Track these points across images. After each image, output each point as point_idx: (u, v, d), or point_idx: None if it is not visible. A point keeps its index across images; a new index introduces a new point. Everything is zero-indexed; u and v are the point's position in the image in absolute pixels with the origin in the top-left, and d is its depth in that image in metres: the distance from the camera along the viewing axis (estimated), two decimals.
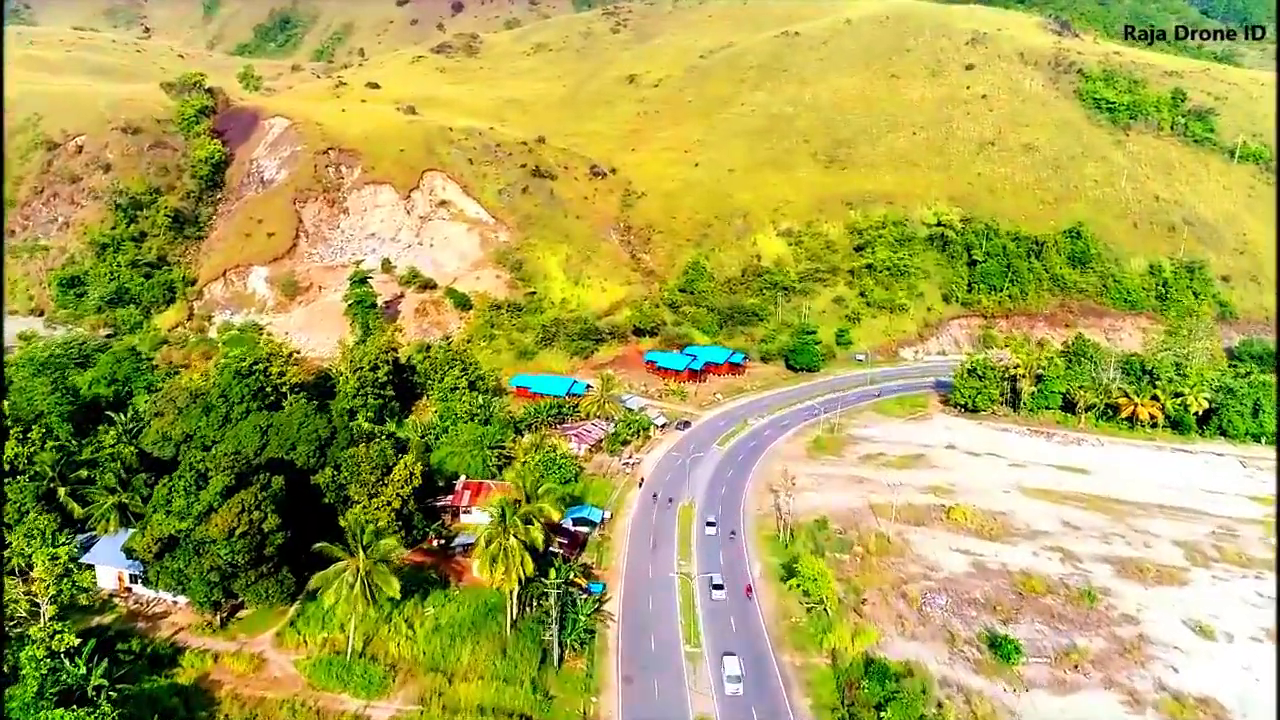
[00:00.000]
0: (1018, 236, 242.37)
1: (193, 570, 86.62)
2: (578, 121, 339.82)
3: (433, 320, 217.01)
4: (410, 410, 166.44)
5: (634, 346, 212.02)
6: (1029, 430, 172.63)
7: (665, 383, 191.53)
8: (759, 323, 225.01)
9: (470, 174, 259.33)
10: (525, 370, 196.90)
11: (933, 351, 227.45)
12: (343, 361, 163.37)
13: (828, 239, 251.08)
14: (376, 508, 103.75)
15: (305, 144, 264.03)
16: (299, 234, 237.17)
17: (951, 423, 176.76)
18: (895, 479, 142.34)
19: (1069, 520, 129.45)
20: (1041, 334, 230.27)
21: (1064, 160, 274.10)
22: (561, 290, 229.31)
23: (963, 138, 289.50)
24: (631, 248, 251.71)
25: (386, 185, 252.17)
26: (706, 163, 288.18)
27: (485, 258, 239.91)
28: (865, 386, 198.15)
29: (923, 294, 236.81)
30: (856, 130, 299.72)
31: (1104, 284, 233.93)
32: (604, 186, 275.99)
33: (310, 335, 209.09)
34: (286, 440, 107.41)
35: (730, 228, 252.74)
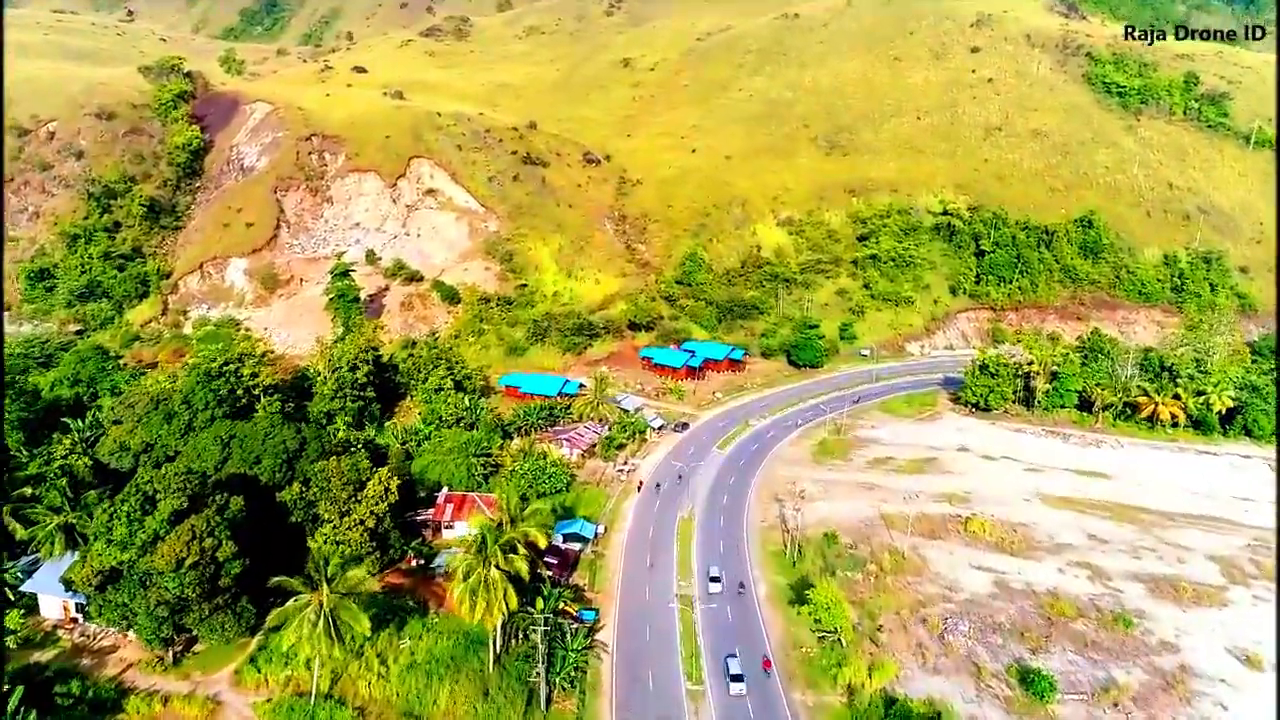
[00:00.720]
0: (1027, 226, 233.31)
1: (139, 605, 77.86)
2: (571, 106, 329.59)
3: (419, 314, 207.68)
4: (393, 412, 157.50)
5: (629, 342, 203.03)
6: (1044, 431, 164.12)
7: (662, 381, 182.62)
8: (759, 316, 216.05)
9: (459, 161, 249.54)
10: (515, 368, 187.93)
11: (940, 346, 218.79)
12: (320, 361, 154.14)
13: (830, 228, 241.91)
14: (348, 527, 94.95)
15: (287, 130, 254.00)
16: (279, 224, 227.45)
17: (963, 423, 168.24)
18: (907, 486, 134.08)
19: (1094, 532, 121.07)
20: (1052, 327, 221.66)
21: (1074, 146, 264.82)
22: (554, 283, 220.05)
23: (968, 123, 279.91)
24: (626, 238, 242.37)
25: (371, 173, 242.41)
26: (704, 149, 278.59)
27: (474, 248, 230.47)
28: (871, 384, 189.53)
29: (929, 286, 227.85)
30: (858, 115, 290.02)
31: (1117, 275, 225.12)
32: (598, 174, 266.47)
33: (290, 331, 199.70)
34: (250, 453, 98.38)
35: (729, 217, 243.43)
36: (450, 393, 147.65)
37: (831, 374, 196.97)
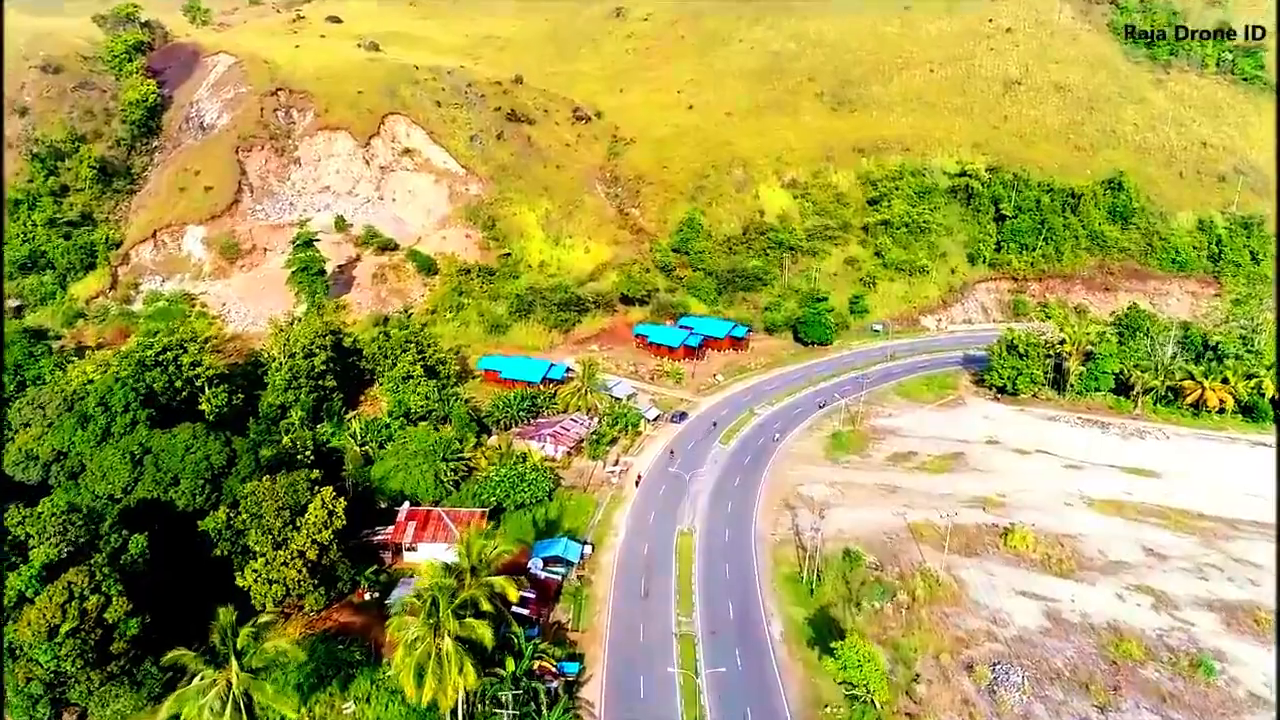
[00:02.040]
0: (1051, 188, 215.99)
1: (7, 682, 62.43)
2: (560, 60, 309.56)
3: (392, 288, 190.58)
4: (358, 401, 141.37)
5: (622, 317, 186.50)
6: (1080, 419, 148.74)
7: (658, 362, 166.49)
8: (762, 288, 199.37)
9: (438, 118, 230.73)
10: (497, 347, 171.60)
11: (958, 320, 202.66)
12: (274, 344, 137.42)
13: (838, 191, 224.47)
14: (283, 562, 79.35)
15: (250, 85, 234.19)
16: (241, 188, 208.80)
17: (989, 409, 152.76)
18: (934, 488, 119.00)
19: (1150, 544, 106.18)
20: (1079, 299, 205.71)
21: (1099, 102, 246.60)
22: (540, 252, 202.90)
23: (985, 76, 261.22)
24: (619, 201, 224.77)
25: (343, 132, 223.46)
26: (702, 106, 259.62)
27: (453, 214, 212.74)
28: (886, 364, 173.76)
29: (945, 254, 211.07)
30: (867, 69, 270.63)
31: (1149, 243, 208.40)
32: (588, 132, 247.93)
33: (251, 306, 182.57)
34: (167, 472, 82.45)
35: (729, 179, 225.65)
36: (420, 381, 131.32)
37: (842, 352, 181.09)
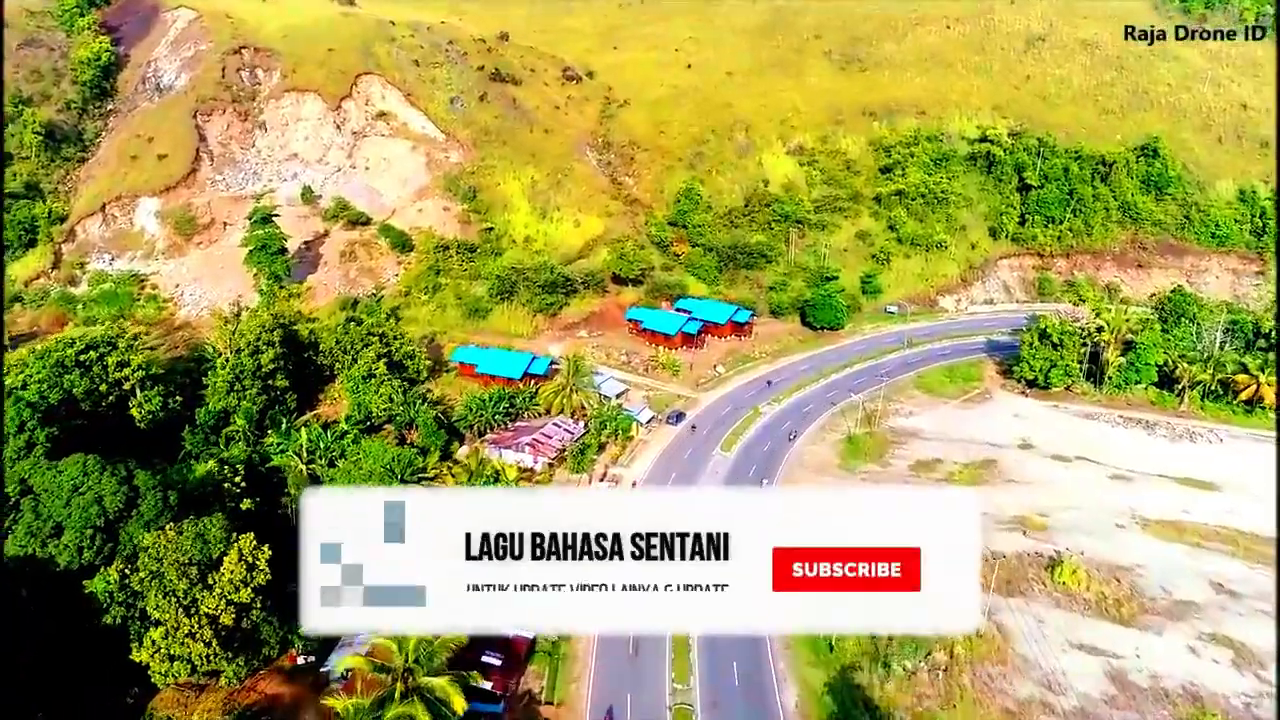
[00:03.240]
0: (1079, 155, 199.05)
1: None
2: (549, 16, 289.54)
3: (363, 266, 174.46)
4: (318, 400, 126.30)
5: (613, 299, 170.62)
6: (1121, 418, 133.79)
7: (653, 352, 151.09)
8: (767, 265, 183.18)
9: (415, 79, 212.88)
10: (476, 334, 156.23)
11: (979, 300, 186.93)
12: (218, 338, 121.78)
13: (847, 158, 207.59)
14: (189, 632, 64.79)
15: (211, 42, 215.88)
16: (200, 156, 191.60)
17: (1019, 406, 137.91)
18: None
19: (1219, 578, 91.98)
20: (1109, 277, 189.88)
21: (1130, 60, 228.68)
22: (525, 226, 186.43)
23: (1005, 32, 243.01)
24: (611, 169, 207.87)
25: (312, 94, 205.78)
26: (701, 64, 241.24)
27: (432, 184, 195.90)
28: (903, 351, 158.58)
29: (965, 227, 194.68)
30: (877, 24, 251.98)
31: (1186, 214, 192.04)
32: (579, 94, 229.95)
33: (209, 287, 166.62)
34: (47, 520, 67.66)
35: (730, 144, 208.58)
36: (384, 380, 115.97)
37: (854, 338, 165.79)
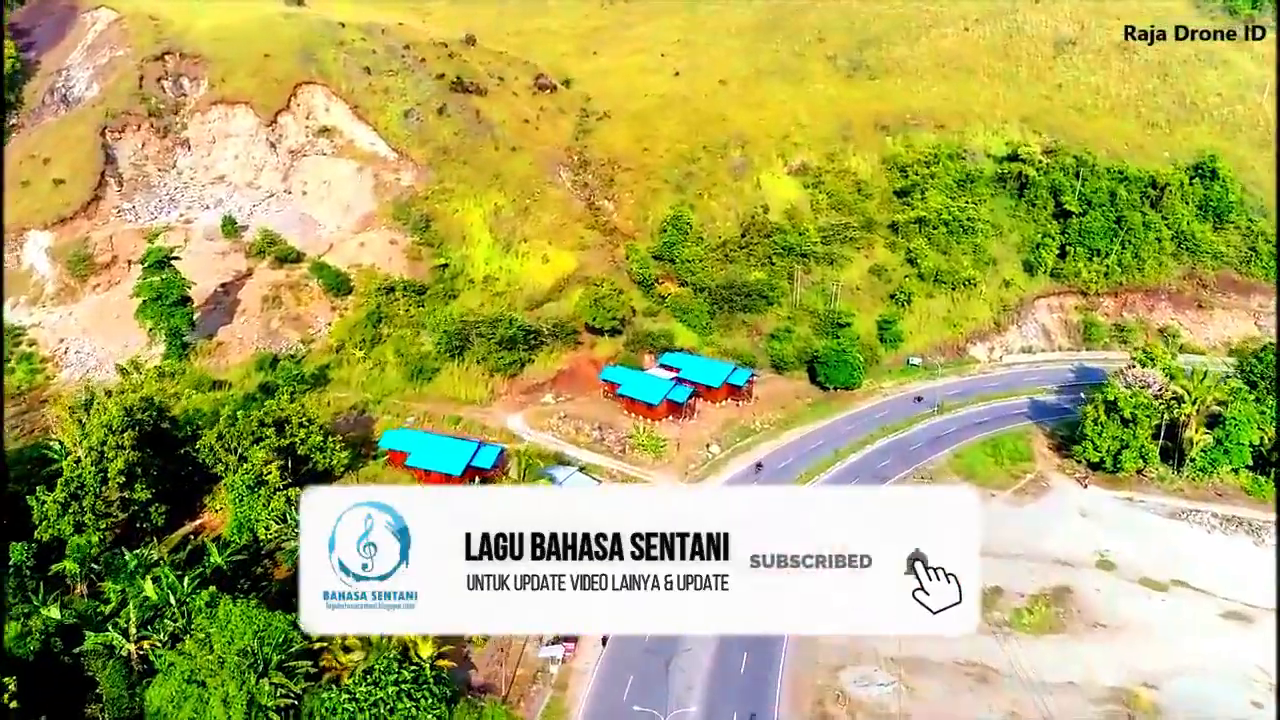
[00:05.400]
0: (1124, 175, 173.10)
1: None
2: (523, 16, 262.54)
3: (289, 314, 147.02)
4: (198, 510, 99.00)
5: (586, 354, 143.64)
6: (1216, 518, 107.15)
7: (633, 424, 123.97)
8: (767, 308, 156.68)
9: (365, 89, 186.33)
10: (419, 402, 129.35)
11: (1014, 348, 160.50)
12: (64, 431, 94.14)
13: (858, 179, 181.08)
14: None
15: (130, 46, 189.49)
16: (105, 180, 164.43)
17: (1085, 499, 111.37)
18: (1042, 664, 78.27)
19: None
20: (1163, 319, 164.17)
21: (1173, 66, 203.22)
22: (485, 262, 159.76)
23: (1031, 34, 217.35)
24: (589, 193, 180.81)
25: (243, 105, 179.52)
26: (690, 71, 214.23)
27: (379, 211, 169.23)
28: (932, 419, 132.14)
29: (995, 261, 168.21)
30: (889, 24, 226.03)
31: (1251, 246, 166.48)
32: (552, 105, 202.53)
33: (100, 343, 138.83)
34: None
35: (723, 163, 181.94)
36: (276, 488, 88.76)
37: (872, 400, 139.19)
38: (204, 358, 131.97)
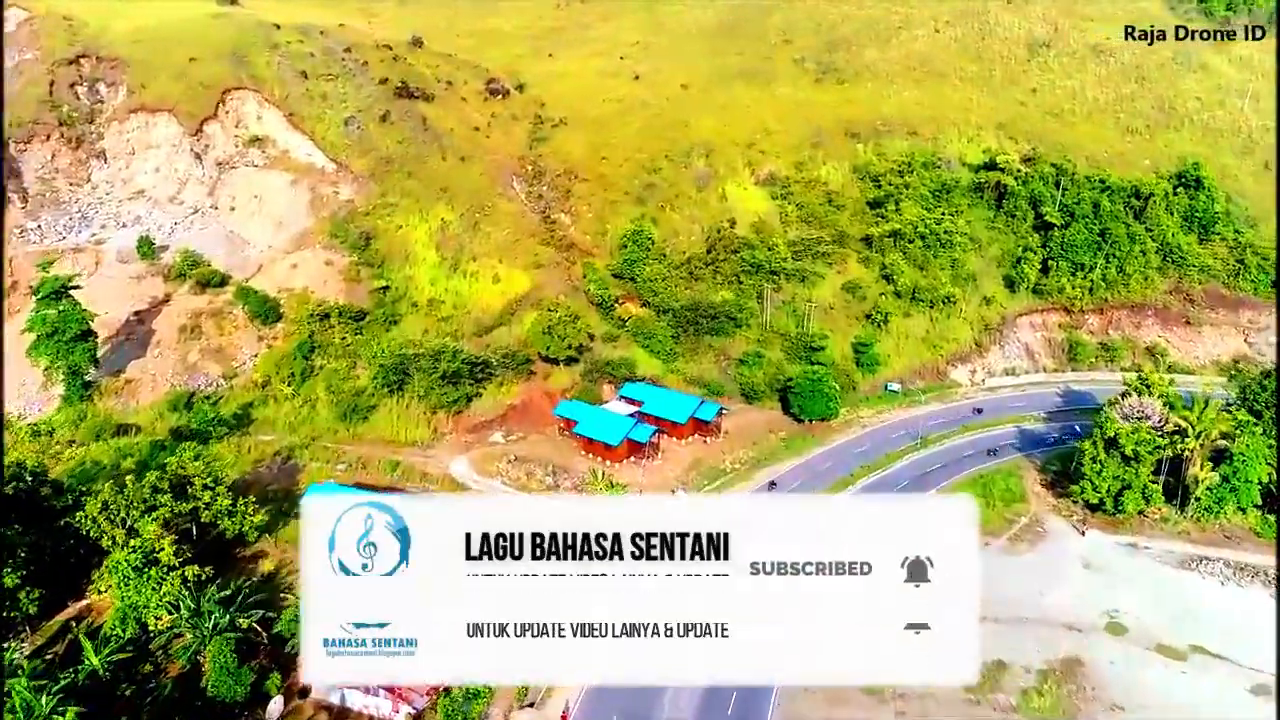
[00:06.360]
0: (1107, 184, 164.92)
1: None
2: (474, 16, 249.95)
3: (210, 345, 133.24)
4: (84, 590, 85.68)
5: (540, 385, 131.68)
6: (1229, 567, 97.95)
7: (590, 466, 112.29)
8: (736, 330, 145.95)
9: (301, 96, 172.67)
10: (353, 444, 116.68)
11: (997, 370, 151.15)
12: None
13: (829, 189, 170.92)
14: None
15: (40, 49, 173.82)
16: (8, 197, 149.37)
17: (1086, 546, 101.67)
18: None
19: None
20: (1150, 336, 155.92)
21: (1150, 69, 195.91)
22: (431, 283, 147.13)
23: (1005, 37, 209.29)
24: (543, 205, 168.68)
25: (165, 114, 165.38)
26: (650, 75, 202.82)
27: (314, 228, 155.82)
28: (915, 453, 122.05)
29: (975, 277, 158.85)
30: (858, 26, 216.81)
31: (1238, 258, 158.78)
32: (505, 111, 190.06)
33: None
34: None
35: (687, 173, 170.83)
36: (168, 568, 75.95)
37: (851, 432, 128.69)
38: (109, 398, 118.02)
